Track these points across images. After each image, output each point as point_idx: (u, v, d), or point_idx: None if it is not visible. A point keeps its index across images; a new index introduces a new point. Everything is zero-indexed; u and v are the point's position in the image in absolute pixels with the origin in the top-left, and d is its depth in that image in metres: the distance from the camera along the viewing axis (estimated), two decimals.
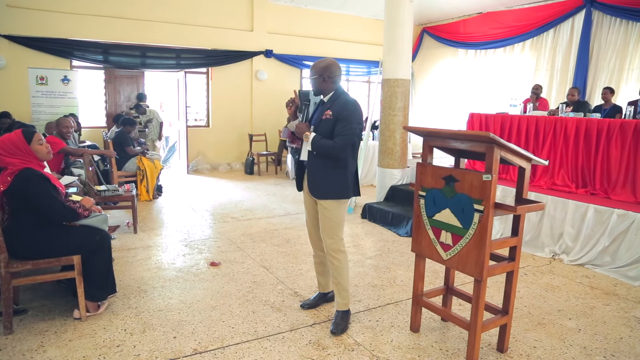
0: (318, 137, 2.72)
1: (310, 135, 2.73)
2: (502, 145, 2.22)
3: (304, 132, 2.77)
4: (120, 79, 8.72)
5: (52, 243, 2.77)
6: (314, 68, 2.79)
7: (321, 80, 2.77)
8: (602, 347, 2.77)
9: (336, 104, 2.75)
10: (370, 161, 7.94)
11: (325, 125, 2.73)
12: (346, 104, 2.73)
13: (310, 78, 2.82)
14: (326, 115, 2.73)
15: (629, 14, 7.35)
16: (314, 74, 2.78)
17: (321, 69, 2.76)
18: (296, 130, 2.82)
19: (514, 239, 2.51)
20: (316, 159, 2.78)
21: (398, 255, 4.39)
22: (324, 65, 2.77)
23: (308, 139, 2.74)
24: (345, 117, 2.69)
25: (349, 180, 2.82)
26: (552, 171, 5.00)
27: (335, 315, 2.93)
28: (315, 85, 2.81)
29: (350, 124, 2.69)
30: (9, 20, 7.34)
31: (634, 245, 3.85)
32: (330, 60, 2.82)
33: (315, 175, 2.81)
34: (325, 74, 2.76)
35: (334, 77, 2.79)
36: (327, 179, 2.78)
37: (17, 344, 2.58)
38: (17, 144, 2.71)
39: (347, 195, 2.83)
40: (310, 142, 2.73)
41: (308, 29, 10.19)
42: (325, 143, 2.69)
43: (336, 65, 2.80)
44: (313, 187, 2.83)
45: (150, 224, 5.24)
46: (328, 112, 2.74)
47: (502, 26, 9.46)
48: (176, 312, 3.05)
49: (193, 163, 9.27)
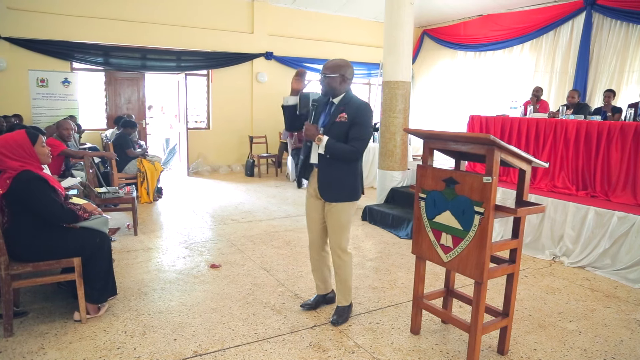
0: (332, 141, 2.67)
1: (324, 138, 2.68)
2: (503, 148, 2.22)
3: (313, 135, 2.71)
4: (121, 81, 8.73)
5: (52, 245, 2.77)
6: (331, 67, 2.72)
7: (340, 80, 2.72)
8: (602, 349, 2.76)
9: (350, 106, 2.71)
10: (371, 163, 7.94)
11: (339, 128, 2.70)
12: (361, 108, 2.71)
13: (326, 76, 2.73)
14: (340, 118, 2.70)
15: (629, 17, 7.36)
16: (332, 72, 2.71)
17: (341, 68, 2.71)
18: (305, 132, 2.75)
19: (515, 241, 2.51)
20: (328, 161, 2.74)
21: (398, 258, 4.39)
22: (343, 65, 2.73)
23: (321, 141, 2.68)
24: (362, 121, 2.68)
25: (359, 182, 2.84)
26: (553, 173, 5.00)
27: (337, 308, 3.00)
28: (329, 84, 2.73)
29: (367, 128, 2.70)
30: (10, 22, 7.35)
31: (635, 248, 3.84)
32: (346, 61, 2.78)
33: (327, 178, 2.78)
34: (346, 73, 2.73)
35: (351, 78, 2.77)
36: (340, 182, 2.77)
37: (17, 346, 2.58)
38: (21, 144, 2.70)
39: (357, 197, 2.85)
40: (324, 146, 2.67)
41: (308, 31, 10.20)
42: (343, 147, 2.66)
43: (351, 66, 2.78)
44: (324, 190, 2.80)
45: (150, 226, 5.24)
46: (343, 114, 2.70)
47: (502, 28, 9.48)
48: (176, 314, 3.05)
49: (193, 165, 9.27)
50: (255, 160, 9.06)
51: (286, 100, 2.92)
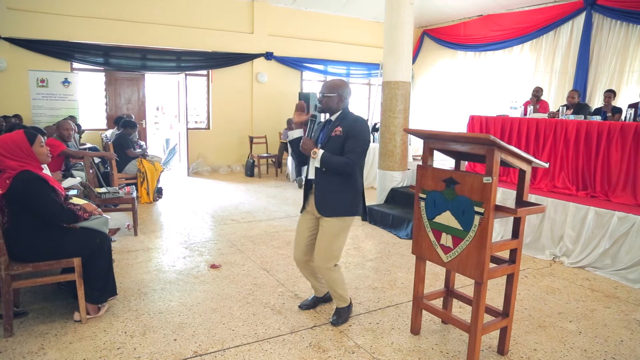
0: (328, 154, 2.70)
1: (319, 151, 2.71)
2: (503, 148, 2.22)
3: (310, 149, 2.74)
4: (121, 81, 8.74)
5: (52, 245, 2.77)
6: (330, 86, 2.80)
7: (337, 100, 2.79)
8: (602, 349, 2.76)
9: (345, 121, 2.77)
10: (371, 164, 7.94)
11: (335, 142, 2.74)
12: (356, 122, 2.76)
13: (324, 95, 2.79)
14: (336, 132, 2.74)
15: (629, 17, 7.36)
16: (331, 92, 2.78)
17: (339, 88, 2.79)
18: (302, 146, 2.78)
19: (515, 241, 2.51)
20: (325, 175, 2.76)
21: (398, 258, 4.39)
22: (340, 85, 2.81)
23: (316, 155, 2.71)
24: (356, 134, 2.71)
25: (358, 198, 2.83)
26: (553, 174, 5.00)
27: (336, 309, 3.02)
28: (327, 103, 2.80)
29: (362, 141, 2.72)
30: (10, 22, 7.35)
31: (635, 248, 3.84)
32: (343, 81, 2.88)
33: (323, 192, 2.78)
34: (344, 93, 2.80)
35: (348, 97, 2.84)
36: (336, 195, 2.77)
37: (17, 347, 2.58)
38: (19, 144, 2.70)
39: (354, 211, 2.82)
40: (320, 159, 2.70)
41: (308, 32, 10.20)
42: (337, 159, 2.68)
43: (348, 86, 2.86)
44: (321, 205, 2.79)
45: (150, 226, 5.24)
46: (338, 128, 2.74)
47: (502, 28, 9.48)
48: (176, 314, 3.05)
49: (193, 165, 9.27)
50: (255, 160, 9.06)
51: (291, 134, 2.96)
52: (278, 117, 9.80)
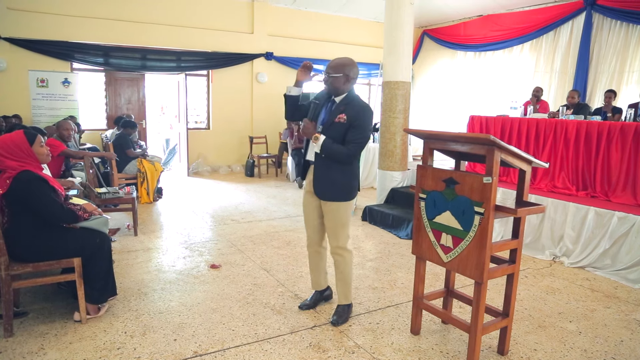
0: (329, 141, 2.66)
1: (320, 137, 2.67)
2: (503, 148, 2.22)
3: (311, 133, 2.70)
4: (121, 81, 8.74)
5: (52, 245, 2.77)
6: (335, 67, 2.69)
7: (344, 80, 2.69)
8: (602, 349, 2.76)
9: (350, 108, 2.69)
10: (371, 164, 7.94)
11: (337, 129, 2.70)
12: (362, 111, 2.69)
13: (330, 76, 2.69)
14: (340, 119, 2.69)
15: (629, 17, 7.36)
16: (337, 71, 2.67)
17: (345, 67, 2.68)
18: (302, 130, 2.74)
19: (515, 241, 2.51)
20: (324, 161, 2.75)
21: (398, 258, 4.39)
22: (347, 64, 2.70)
23: (318, 141, 2.67)
24: (361, 124, 2.67)
25: (355, 181, 2.85)
26: (553, 174, 5.00)
27: (337, 308, 3.01)
28: (334, 83, 2.70)
29: (365, 131, 2.69)
30: (10, 22, 7.35)
31: (635, 248, 3.84)
32: (350, 59, 2.75)
33: (322, 177, 2.79)
34: (351, 73, 2.70)
35: (355, 78, 2.75)
36: (335, 181, 2.77)
37: (17, 347, 2.58)
38: (19, 145, 2.70)
39: (352, 196, 2.86)
40: (321, 145, 2.67)
41: (308, 32, 10.20)
42: (338, 149, 2.66)
43: (356, 65, 2.75)
44: (319, 189, 2.82)
45: (150, 226, 5.24)
46: (342, 115, 2.69)
47: (502, 28, 9.48)
48: (176, 314, 3.05)
49: (193, 165, 9.27)
50: (255, 160, 9.06)
51: (289, 89, 2.91)
52: (278, 117, 9.79)
